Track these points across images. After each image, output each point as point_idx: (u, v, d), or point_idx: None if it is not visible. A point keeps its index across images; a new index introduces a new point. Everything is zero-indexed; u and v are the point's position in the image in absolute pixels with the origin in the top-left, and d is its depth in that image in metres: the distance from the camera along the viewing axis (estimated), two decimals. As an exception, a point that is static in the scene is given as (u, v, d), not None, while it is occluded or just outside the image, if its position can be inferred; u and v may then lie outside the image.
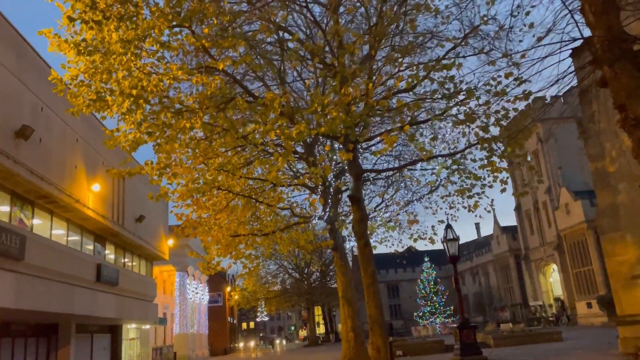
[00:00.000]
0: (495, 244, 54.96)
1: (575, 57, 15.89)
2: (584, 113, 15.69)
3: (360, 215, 14.47)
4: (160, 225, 33.54)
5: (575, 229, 38.80)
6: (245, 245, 19.99)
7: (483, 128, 13.07)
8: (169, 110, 11.77)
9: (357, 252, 14.69)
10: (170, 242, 35.27)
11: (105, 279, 21.03)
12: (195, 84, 10.88)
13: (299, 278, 61.41)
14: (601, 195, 15.11)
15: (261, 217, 20.21)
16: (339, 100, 10.75)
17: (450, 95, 12.68)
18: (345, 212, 21.40)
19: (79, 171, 20.40)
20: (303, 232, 19.65)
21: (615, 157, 14.58)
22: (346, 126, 11.46)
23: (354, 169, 14.66)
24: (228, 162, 16.55)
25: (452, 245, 17.64)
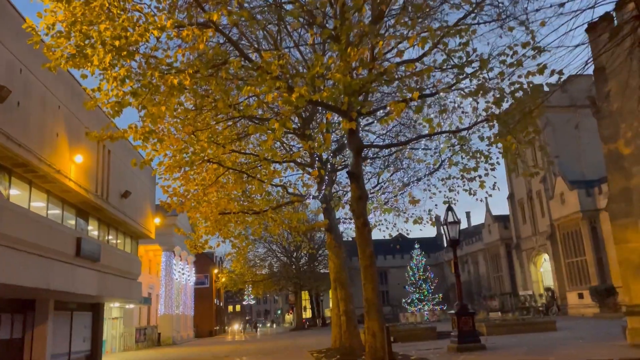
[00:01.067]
0: (487, 233, 54.52)
1: (590, 32, 15.01)
2: (598, 91, 14.85)
3: (359, 193, 13.56)
4: (147, 202, 32.44)
5: (569, 219, 38.31)
6: (235, 224, 19.08)
7: (496, 102, 12.17)
8: (155, 69, 10.73)
9: (355, 232, 13.80)
10: (157, 220, 34.20)
11: (86, 253, 20.00)
12: (186, 39, 9.82)
13: (287, 262, 60.71)
14: (613, 178, 14.33)
15: (252, 196, 19.27)
16: (343, 62, 9.77)
17: (462, 65, 11.74)
18: (340, 192, 20.52)
19: (61, 140, 19.24)
20: (296, 211, 18.75)
21: (630, 138, 13.79)
22: (349, 92, 10.51)
23: (354, 143, 13.72)
24: (219, 134, 15.59)
25: (452, 228, 16.89)
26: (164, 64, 10.99)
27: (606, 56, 14.54)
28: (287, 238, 34.62)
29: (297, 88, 10.02)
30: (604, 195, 35.99)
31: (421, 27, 10.49)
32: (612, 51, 14.22)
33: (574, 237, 38.35)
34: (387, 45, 9.55)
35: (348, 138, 13.82)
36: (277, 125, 10.37)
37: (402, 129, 18.53)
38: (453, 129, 13.74)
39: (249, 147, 18.85)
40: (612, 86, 14.32)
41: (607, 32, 14.55)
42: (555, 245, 40.97)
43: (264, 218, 19.35)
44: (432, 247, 74.18)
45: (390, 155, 18.69)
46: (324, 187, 17.38)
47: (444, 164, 16.00)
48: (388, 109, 15.64)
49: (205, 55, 12.08)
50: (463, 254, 63.11)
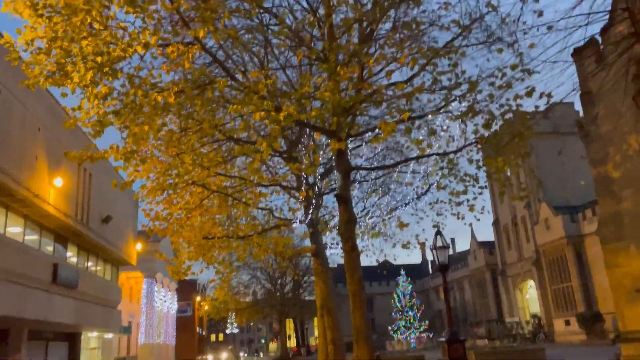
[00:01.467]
0: (472, 259, 54.34)
1: (576, 56, 15.11)
2: (586, 115, 14.85)
3: (347, 217, 13.24)
4: (129, 227, 31.71)
5: (554, 245, 38.32)
6: (219, 249, 18.56)
7: (485, 124, 12.06)
8: (139, 88, 10.43)
9: (343, 257, 13.43)
10: (138, 246, 33.40)
11: (63, 280, 19.26)
12: (171, 56, 9.55)
13: (271, 289, 59.72)
14: (603, 202, 14.21)
15: (237, 220, 18.84)
16: (332, 81, 9.58)
17: (451, 87, 11.64)
18: (326, 216, 20.17)
19: (40, 163, 18.71)
20: (282, 236, 18.33)
21: (619, 162, 13.72)
22: (338, 112, 10.30)
23: (343, 165, 13.45)
24: (204, 157, 15.23)
25: (442, 253, 16.54)
26: (148, 83, 10.72)
27: (593, 79, 14.61)
28: (272, 264, 34.03)
29: (285, 107, 9.78)
30: (589, 221, 36.17)
31: (410, 48, 10.37)
32: (599, 74, 14.29)
33: (560, 263, 38.31)
34: (377, 64, 9.40)
35: (336, 160, 13.57)
36: (264, 146, 10.08)
37: (389, 153, 18.37)
38: (442, 152, 13.57)
39: (235, 170, 18.51)
40: (599, 109, 14.33)
41: (593, 56, 14.67)
42: (541, 271, 40.87)
43: (249, 243, 18.87)
44: (418, 273, 73.73)
45: (378, 179, 18.47)
46: (311, 210, 17.03)
47: (432, 187, 15.80)
48: (376, 132, 15.51)
49: (191, 74, 11.84)
50: (449, 280, 62.62)
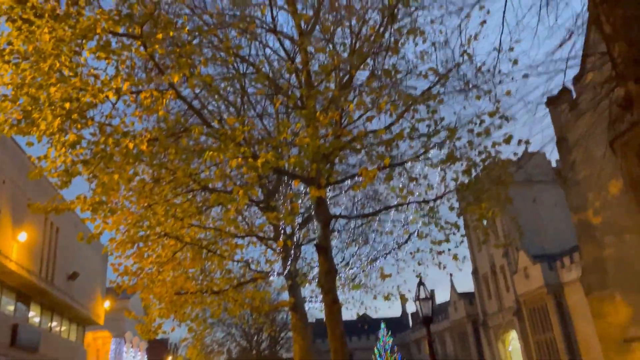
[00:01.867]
0: (453, 310, 53.51)
1: (550, 105, 15.35)
2: (563, 162, 14.94)
3: (327, 267, 12.70)
4: (97, 284, 30.34)
5: (534, 294, 38.01)
6: (192, 305, 17.66)
7: (466, 171, 11.93)
8: (110, 136, 10.02)
9: (324, 310, 12.79)
10: (106, 304, 31.89)
11: (23, 343, 17.97)
12: (144, 102, 9.21)
13: (247, 347, 57.48)
14: (585, 249, 14.07)
15: (211, 274, 18.07)
16: (311, 127, 9.33)
17: (430, 134, 11.54)
18: (305, 268, 19.53)
19: (3, 217, 17.83)
20: (258, 290, 17.58)
21: (599, 208, 13.69)
22: (318, 159, 10.03)
23: (322, 214, 13.04)
24: (178, 207, 14.70)
25: (425, 305, 16.06)
26: (120, 131, 10.33)
27: (568, 126, 14.78)
28: (248, 320, 32.78)
29: (263, 154, 9.46)
30: (567, 269, 36.14)
31: (389, 95, 10.28)
32: (574, 121, 14.46)
33: (541, 312, 37.89)
34: (357, 109, 9.25)
35: (315, 209, 13.16)
36: (241, 194, 9.67)
37: (368, 202, 18.07)
38: (422, 200, 13.33)
39: (209, 221, 17.91)
40: (576, 156, 14.43)
41: (566, 104, 14.91)
42: (522, 322, 40.32)
43: (224, 298, 18.05)
44: (398, 326, 72.21)
45: (357, 228, 18.06)
46: (289, 262, 16.43)
47: (413, 236, 15.46)
48: (356, 180, 15.25)
49: (165, 122, 11.50)
50: (429, 333, 61.43)
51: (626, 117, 12.06)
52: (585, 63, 14.28)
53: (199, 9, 13.24)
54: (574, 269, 35.14)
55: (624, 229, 12.78)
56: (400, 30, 9.95)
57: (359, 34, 10.37)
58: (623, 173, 12.45)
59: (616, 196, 13.09)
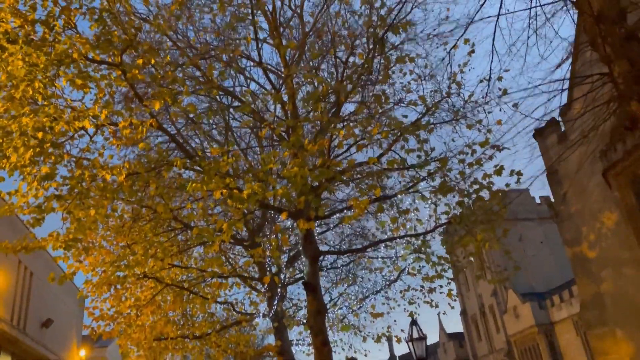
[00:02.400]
0: (442, 353, 52.23)
1: (538, 137, 15.22)
2: (554, 195, 14.67)
3: (317, 306, 12.01)
4: (72, 331, 28.91)
5: (525, 334, 37.25)
6: (173, 351, 16.70)
7: (459, 203, 11.56)
8: (86, 169, 9.50)
9: (314, 354, 12.05)
10: (82, 353, 30.33)
11: (-12, 397, 16.70)
12: (122, 131, 8.73)
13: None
14: (582, 284, 13.63)
15: (193, 318, 17.19)
16: (300, 156, 8.93)
17: (420, 165, 11.20)
18: (291, 310, 18.75)
19: (-28, 260, 16.89)
20: (243, 333, 16.71)
21: (594, 241, 13.34)
22: (306, 190, 9.58)
23: (310, 250, 12.46)
24: (159, 246, 14.04)
25: (418, 345, 15.37)
26: (97, 165, 9.82)
27: (558, 158, 14.60)
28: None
29: (249, 185, 8.99)
30: (557, 308, 35.60)
31: (379, 124, 9.98)
32: (564, 153, 14.28)
33: (532, 352, 37.05)
34: (346, 138, 8.90)
35: (303, 244, 12.59)
36: (226, 227, 9.13)
37: (356, 239, 17.55)
38: (414, 233, 12.87)
39: (192, 261, 17.17)
40: (567, 188, 14.19)
41: (555, 136, 14.78)
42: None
43: (206, 343, 17.12)
44: (386, 371, 70.25)
45: (346, 266, 17.43)
46: (275, 302, 15.68)
47: (404, 273, 14.93)
48: (345, 213, 14.76)
49: (145, 156, 11.04)
50: (419, 378, 59.73)
51: (618, 146, 11.91)
52: (572, 93, 14.23)
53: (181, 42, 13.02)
54: (564, 307, 34.66)
55: (621, 262, 12.41)
56: (389, 58, 9.74)
57: (346, 61, 10.14)
58: (618, 204, 12.20)
59: (611, 228, 12.78)
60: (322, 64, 10.74)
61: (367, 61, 8.67)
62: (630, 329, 12.21)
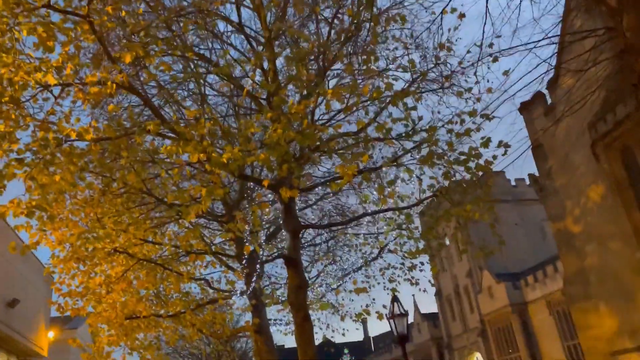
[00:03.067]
0: (417, 333, 52.66)
1: (524, 111, 14.93)
2: (539, 169, 14.43)
3: (298, 281, 11.56)
4: (40, 312, 27.89)
5: (499, 314, 37.65)
6: (145, 330, 16.03)
7: (445, 173, 11.17)
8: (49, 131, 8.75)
9: (294, 330, 11.62)
10: (50, 334, 29.36)
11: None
12: (90, 87, 7.99)
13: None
14: (566, 259, 13.48)
15: (167, 296, 16.55)
16: (284, 120, 8.35)
17: (408, 134, 10.75)
18: (269, 288, 18.28)
19: None
20: (220, 311, 16.15)
21: (579, 215, 13.16)
22: (289, 159, 9.03)
23: (291, 223, 11.96)
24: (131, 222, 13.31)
25: (400, 322, 15.08)
26: (63, 130, 9.08)
27: (544, 132, 14.32)
28: (206, 349, 30.91)
29: (229, 148, 8.38)
30: (531, 288, 36.02)
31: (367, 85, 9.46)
32: (550, 127, 13.99)
33: (506, 332, 37.51)
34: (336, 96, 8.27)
35: (284, 218, 12.07)
36: (204, 192, 8.53)
37: (337, 216, 17.06)
38: (397, 207, 12.45)
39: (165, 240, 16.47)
40: (553, 163, 13.95)
41: (542, 109, 14.49)
42: (487, 343, 39.85)
43: (181, 322, 16.52)
44: (361, 351, 70.75)
45: (326, 242, 16.93)
46: (254, 279, 15.15)
47: (384, 251, 14.55)
48: (325, 191, 14.27)
49: (115, 121, 10.32)
50: (393, 358, 60.34)
51: (609, 117, 11.64)
52: (560, 66, 13.91)
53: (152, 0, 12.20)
54: (538, 287, 35.08)
55: (606, 237, 12.25)
56: (377, 17, 9.17)
57: (332, 21, 9.51)
58: (606, 177, 11.99)
59: (597, 203, 12.60)
60: (307, 24, 10.10)
61: (356, 16, 8.09)
62: (614, 302, 12.11)
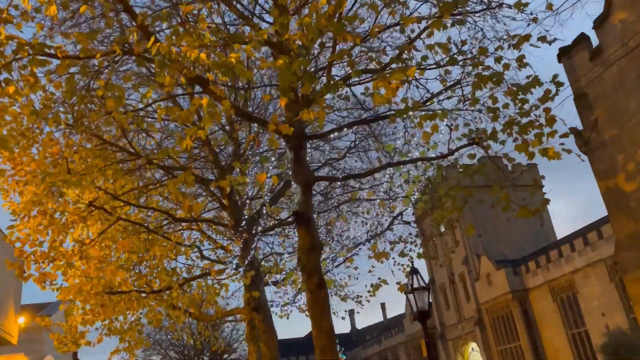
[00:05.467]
0: (408, 323, 51.00)
1: (563, 57, 13.13)
2: (583, 121, 12.65)
3: (310, 242, 9.60)
4: (8, 296, 25.50)
5: (498, 301, 36.14)
6: (126, 306, 13.88)
7: (493, 112, 9.31)
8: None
9: (307, 299, 9.66)
10: (21, 320, 26.97)
11: None
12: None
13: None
14: (617, 221, 11.73)
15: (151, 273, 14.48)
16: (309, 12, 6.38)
17: (454, 59, 8.84)
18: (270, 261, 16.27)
19: None
20: (214, 284, 14.09)
21: (633, 171, 11.40)
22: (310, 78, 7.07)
23: (302, 174, 9.98)
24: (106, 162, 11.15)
25: (420, 297, 13.26)
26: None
27: (586, 79, 12.55)
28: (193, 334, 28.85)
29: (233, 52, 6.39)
30: (533, 274, 34.57)
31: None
32: (596, 73, 12.22)
33: (505, 320, 36.03)
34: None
35: (293, 168, 10.08)
36: (207, 115, 6.53)
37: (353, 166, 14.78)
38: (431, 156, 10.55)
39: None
40: (599, 113, 12.18)
41: (585, 54, 12.71)
42: (484, 332, 38.35)
43: (166, 301, 14.45)
44: (348, 343, 69.06)
45: (339, 206, 14.77)
46: (254, 246, 13.15)
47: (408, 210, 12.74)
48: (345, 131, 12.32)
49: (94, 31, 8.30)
50: (382, 349, 58.80)
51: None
52: (611, 2, 12.08)
53: None
54: (540, 273, 33.64)
55: (669, 193, 10.53)
56: None
57: None
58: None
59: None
60: None
61: None
62: (678, 270, 10.41)
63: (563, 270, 31.46)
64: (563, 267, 31.53)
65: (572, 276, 30.89)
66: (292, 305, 18.77)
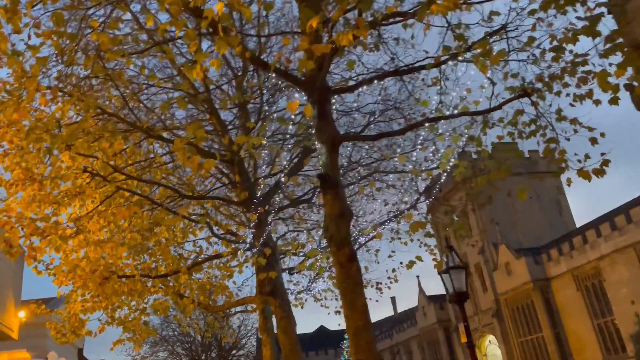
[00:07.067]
0: (421, 316, 49.61)
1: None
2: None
3: (340, 208, 8.23)
4: (8, 290, 24.35)
5: (519, 291, 34.69)
6: (129, 294, 12.60)
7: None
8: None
9: (336, 274, 8.33)
10: (21, 314, 25.84)
11: None
12: None
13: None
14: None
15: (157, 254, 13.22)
16: None
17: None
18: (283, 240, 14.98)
19: None
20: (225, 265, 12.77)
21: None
22: None
23: (327, 132, 8.61)
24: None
25: (458, 277, 12.03)
26: None
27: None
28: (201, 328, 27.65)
29: None
30: (555, 262, 33.12)
31: None
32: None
33: (526, 311, 34.57)
34: None
35: (317, 126, 8.71)
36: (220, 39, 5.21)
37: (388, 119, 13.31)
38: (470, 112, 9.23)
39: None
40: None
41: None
42: (503, 324, 36.91)
43: (172, 287, 13.22)
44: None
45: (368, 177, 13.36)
46: (269, 223, 11.86)
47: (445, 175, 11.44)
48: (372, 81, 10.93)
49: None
50: (394, 344, 57.45)
51: None
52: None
53: None
54: (563, 261, 32.17)
55: None
56: None
57: None
58: None
59: None
60: None
61: None
62: None
63: (588, 257, 30.00)
64: (588, 253, 30.06)
65: (598, 263, 29.45)
66: (307, 294, 17.53)
